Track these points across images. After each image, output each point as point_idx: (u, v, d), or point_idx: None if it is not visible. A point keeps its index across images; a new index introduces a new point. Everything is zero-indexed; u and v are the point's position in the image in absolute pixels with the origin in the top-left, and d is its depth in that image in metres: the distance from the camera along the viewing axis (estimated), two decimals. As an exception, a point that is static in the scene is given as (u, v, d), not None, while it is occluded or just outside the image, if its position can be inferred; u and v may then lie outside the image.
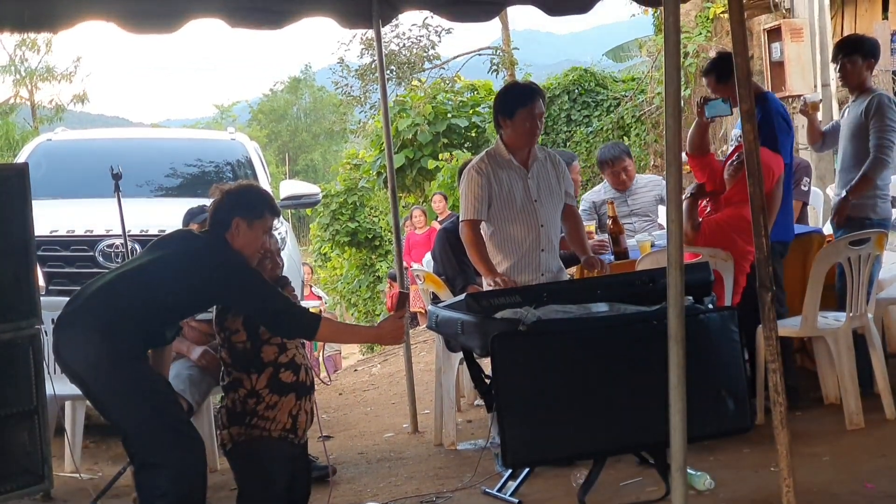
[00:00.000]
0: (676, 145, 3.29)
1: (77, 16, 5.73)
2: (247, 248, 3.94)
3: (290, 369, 3.99)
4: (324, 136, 48.16)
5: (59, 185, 7.58)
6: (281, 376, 3.97)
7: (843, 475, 4.35)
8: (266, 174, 8.58)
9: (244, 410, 3.95)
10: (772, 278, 3.49)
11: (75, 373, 3.83)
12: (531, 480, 4.62)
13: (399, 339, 4.15)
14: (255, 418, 3.94)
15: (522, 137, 5.02)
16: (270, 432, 3.95)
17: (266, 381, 3.94)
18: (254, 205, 3.98)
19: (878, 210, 5.59)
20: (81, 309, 3.84)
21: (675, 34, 3.27)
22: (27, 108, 30.39)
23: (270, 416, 3.94)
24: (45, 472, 4.61)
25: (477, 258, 5.02)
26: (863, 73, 5.67)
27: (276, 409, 3.95)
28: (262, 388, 3.94)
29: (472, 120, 17.88)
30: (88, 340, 3.75)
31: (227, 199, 3.97)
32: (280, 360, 3.98)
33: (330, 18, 6.36)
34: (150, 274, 3.90)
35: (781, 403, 3.43)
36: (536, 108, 4.98)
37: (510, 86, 5.50)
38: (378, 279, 19.79)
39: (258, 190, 4.22)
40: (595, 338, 3.91)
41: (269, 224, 4.01)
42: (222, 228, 3.92)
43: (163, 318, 3.92)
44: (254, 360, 3.96)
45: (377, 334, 4.26)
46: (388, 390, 8.20)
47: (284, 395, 3.96)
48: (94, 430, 6.41)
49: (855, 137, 5.61)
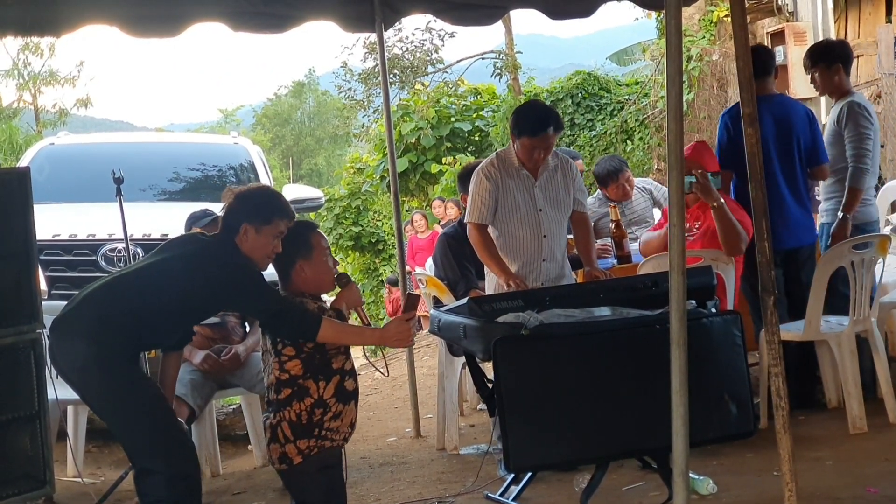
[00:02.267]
0: (678, 148, 3.28)
1: (80, 20, 5.73)
2: (255, 253, 3.86)
3: (351, 377, 3.91)
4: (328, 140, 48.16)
5: (61, 190, 7.60)
6: (345, 384, 3.88)
7: (846, 479, 4.33)
8: (269, 178, 8.59)
9: (311, 422, 3.82)
10: (774, 283, 3.48)
11: (68, 377, 3.84)
12: (534, 485, 4.60)
13: (405, 343, 4.02)
14: (324, 430, 3.83)
15: (528, 160, 5.04)
16: (336, 441, 3.87)
17: (333, 390, 3.85)
18: (263, 210, 3.88)
19: (856, 215, 5.57)
20: (73, 312, 3.82)
21: (677, 37, 3.26)
22: (31, 112, 30.39)
23: (335, 427, 3.85)
24: (46, 476, 4.61)
25: (489, 260, 5.02)
26: (832, 79, 5.66)
27: (340, 418, 3.86)
28: (329, 398, 3.83)
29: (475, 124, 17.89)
30: (77, 344, 3.75)
31: (237, 203, 3.91)
32: (346, 367, 3.89)
33: (332, 22, 6.37)
34: (146, 277, 3.88)
35: (784, 408, 3.42)
36: (543, 141, 4.95)
37: (526, 108, 5.28)
38: (382, 283, 19.78)
39: (270, 193, 4.08)
40: (598, 342, 3.90)
41: (280, 228, 3.88)
42: (232, 233, 3.89)
43: (158, 321, 3.86)
44: (323, 368, 3.85)
45: (382, 336, 4.05)
46: (390, 395, 8.20)
47: (347, 404, 3.88)
48: (96, 435, 6.42)
49: (831, 145, 5.65)
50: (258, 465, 5.93)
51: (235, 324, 5.62)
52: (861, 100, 5.62)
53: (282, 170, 41.77)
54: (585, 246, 5.22)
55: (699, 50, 13.58)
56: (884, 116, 10.26)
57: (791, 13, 11.59)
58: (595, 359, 3.89)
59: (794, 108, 5.62)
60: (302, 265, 3.88)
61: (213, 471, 5.74)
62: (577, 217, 5.22)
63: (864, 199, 5.61)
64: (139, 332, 3.82)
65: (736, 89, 4.29)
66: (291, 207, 4.05)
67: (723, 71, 13.22)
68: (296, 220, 4.00)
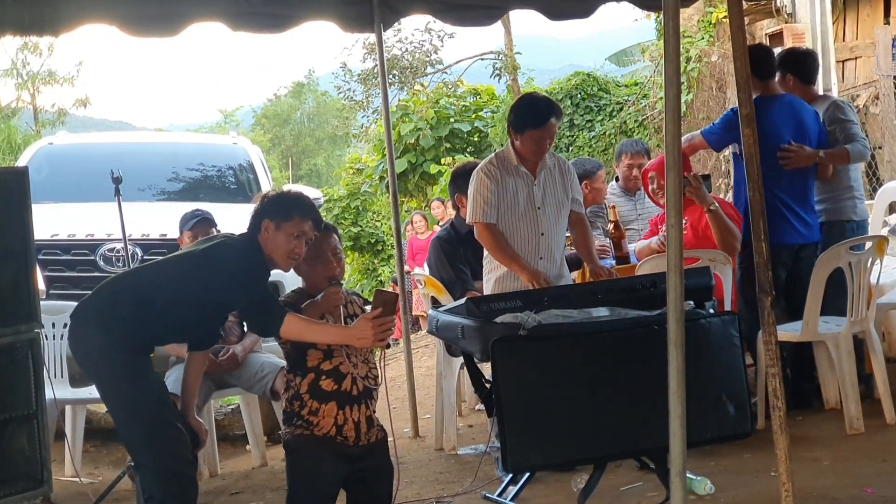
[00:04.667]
0: (676, 149, 3.28)
1: (78, 19, 5.73)
2: (275, 252, 3.87)
3: (331, 377, 3.89)
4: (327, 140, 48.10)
5: (60, 189, 7.60)
6: (321, 383, 3.89)
7: (843, 480, 4.34)
8: (268, 178, 8.60)
9: (292, 411, 3.94)
10: (771, 283, 3.48)
11: (80, 361, 3.92)
12: (531, 485, 4.60)
13: (369, 343, 3.80)
14: (301, 420, 3.91)
15: (530, 154, 5.02)
16: (314, 432, 3.89)
17: (307, 387, 3.89)
18: (283, 207, 3.90)
19: (857, 211, 5.65)
20: (91, 299, 3.90)
21: (675, 38, 3.26)
22: (29, 111, 30.36)
23: (315, 421, 3.89)
24: (44, 476, 4.61)
25: (506, 260, 4.98)
26: (793, 88, 5.70)
27: (319, 415, 3.88)
28: (304, 393, 3.89)
29: (474, 124, 17.89)
30: (89, 330, 3.82)
31: (262, 203, 3.98)
32: (322, 367, 3.89)
33: (331, 23, 6.37)
34: (160, 270, 3.99)
35: (780, 408, 3.42)
36: (548, 131, 4.95)
37: (526, 100, 5.29)
38: (381, 284, 19.76)
39: (296, 196, 4.05)
40: (596, 343, 3.90)
41: (302, 228, 3.87)
42: (255, 231, 3.92)
43: (168, 314, 3.87)
44: (299, 363, 3.91)
45: (347, 335, 3.83)
46: (389, 394, 8.18)
47: (325, 403, 3.88)
48: (94, 435, 6.43)
49: None
50: (256, 465, 5.93)
51: (233, 324, 5.62)
52: (840, 100, 5.72)
53: (281, 170, 41.75)
54: (585, 244, 5.22)
55: (698, 51, 13.58)
56: (881, 118, 10.26)
57: (790, 14, 11.59)
58: (593, 359, 3.89)
59: (804, 107, 5.62)
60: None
61: (212, 470, 5.74)
62: (574, 217, 5.22)
63: (860, 195, 5.68)
64: (146, 321, 3.83)
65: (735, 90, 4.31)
66: (319, 213, 4.03)
67: (722, 72, 13.22)
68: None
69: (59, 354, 5.66)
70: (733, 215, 5.32)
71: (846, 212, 5.62)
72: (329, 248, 4.05)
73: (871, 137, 10.66)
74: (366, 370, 4.00)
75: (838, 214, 5.63)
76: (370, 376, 4.02)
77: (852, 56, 11.44)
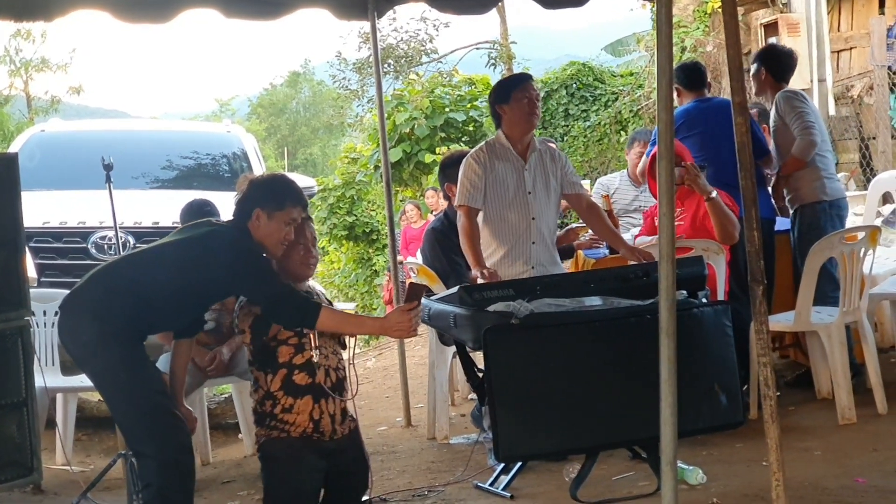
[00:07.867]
0: (669, 138, 3.27)
1: (71, 4, 5.70)
2: (268, 240, 3.88)
3: (304, 371, 3.87)
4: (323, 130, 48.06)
5: (52, 177, 7.57)
6: (295, 378, 3.86)
7: (834, 469, 4.34)
8: (262, 167, 8.57)
9: (264, 412, 3.88)
10: (763, 272, 3.47)
11: (72, 353, 3.86)
12: (523, 474, 4.61)
13: (406, 333, 3.95)
14: (275, 421, 3.85)
15: (522, 120, 5.01)
16: (290, 433, 3.84)
17: (280, 383, 3.85)
18: (276, 196, 3.90)
19: (827, 191, 5.64)
20: (81, 289, 3.86)
21: (668, 27, 3.25)
22: (22, 99, 30.27)
23: (290, 420, 3.84)
24: (34, 464, 4.61)
25: (467, 247, 4.96)
26: (765, 82, 5.79)
27: (294, 411, 3.84)
28: (276, 391, 3.85)
29: (469, 114, 17.83)
30: (82, 320, 3.78)
31: (250, 190, 3.95)
32: (294, 362, 3.87)
33: (325, 10, 6.34)
34: (152, 257, 3.93)
35: (771, 398, 3.41)
36: (531, 89, 5.00)
37: (502, 78, 5.50)
38: (375, 273, 19.74)
39: (284, 181, 4.07)
40: (588, 332, 3.88)
41: (292, 215, 3.90)
42: (245, 218, 3.90)
43: (162, 302, 3.84)
44: (269, 360, 3.87)
45: (382, 326, 4.03)
46: (381, 384, 8.20)
47: (300, 398, 3.85)
48: (86, 423, 6.42)
49: (783, 137, 5.71)
50: (248, 454, 5.91)
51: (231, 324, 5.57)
52: (789, 91, 5.72)
53: (277, 159, 41.72)
54: (607, 230, 5.20)
55: (693, 41, 13.56)
56: (876, 108, 10.25)
57: (784, 4, 11.57)
58: (585, 348, 3.89)
59: None
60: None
61: (204, 459, 5.73)
62: (584, 203, 5.21)
63: (830, 174, 5.69)
64: (142, 311, 3.81)
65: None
66: (305, 196, 4.05)
67: (717, 62, 13.20)
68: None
69: (50, 342, 5.64)
70: (731, 205, 5.31)
71: (815, 193, 5.63)
72: (308, 237, 4.04)
73: (865, 128, 10.67)
74: (336, 361, 4.00)
75: (808, 197, 5.64)
76: (340, 367, 4.01)
77: (847, 46, 11.42)
